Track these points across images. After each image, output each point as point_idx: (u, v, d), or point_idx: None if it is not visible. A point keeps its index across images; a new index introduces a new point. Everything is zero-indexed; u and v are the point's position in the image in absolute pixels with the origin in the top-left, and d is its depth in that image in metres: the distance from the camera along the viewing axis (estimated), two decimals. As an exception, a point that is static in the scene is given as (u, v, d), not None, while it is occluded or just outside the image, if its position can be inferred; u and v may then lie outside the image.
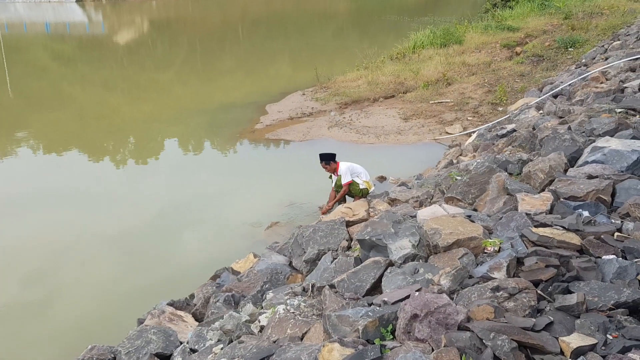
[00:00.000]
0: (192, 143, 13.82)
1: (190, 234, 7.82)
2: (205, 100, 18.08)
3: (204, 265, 6.64)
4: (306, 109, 15.17)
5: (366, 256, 4.27)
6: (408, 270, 3.62)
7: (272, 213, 8.17)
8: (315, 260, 5.16)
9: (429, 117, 13.17)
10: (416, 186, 7.12)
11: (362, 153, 10.82)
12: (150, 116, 16.16)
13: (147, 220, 8.25)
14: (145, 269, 6.86)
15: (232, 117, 14.87)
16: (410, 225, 4.27)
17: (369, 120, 13.36)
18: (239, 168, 10.74)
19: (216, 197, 9.08)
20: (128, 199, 9.21)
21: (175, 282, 6.42)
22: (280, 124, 13.73)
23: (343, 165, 7.75)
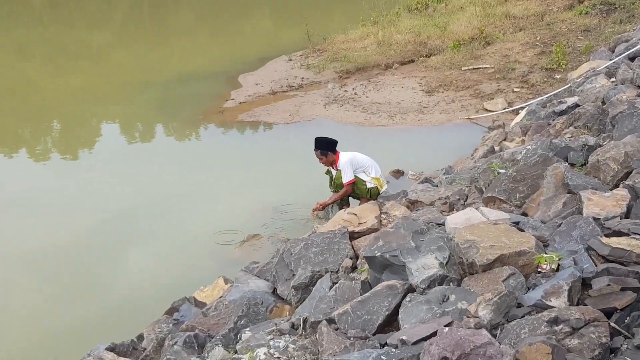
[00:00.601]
0: (138, 129, 13.81)
1: (138, 252, 7.80)
2: (155, 69, 18.05)
3: (157, 295, 6.59)
4: (294, 80, 15.17)
5: (377, 279, 4.25)
6: (434, 298, 3.61)
7: (249, 222, 8.15)
8: (308, 286, 5.14)
9: (461, 89, 13.19)
10: (445, 183, 7.10)
11: (370, 139, 10.82)
12: (82, 92, 16.13)
13: (80, 235, 8.22)
14: (76, 300, 6.83)
15: (193, 93, 14.85)
16: (437, 236, 4.24)
17: (379, 95, 13.37)
18: (203, 162, 10.74)
19: (173, 202, 9.07)
20: (52, 206, 9.19)
21: (117, 318, 6.37)
22: (258, 101, 13.73)
23: (344, 157, 7.74)
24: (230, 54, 18.67)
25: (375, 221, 6.05)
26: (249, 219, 8.24)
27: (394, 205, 6.52)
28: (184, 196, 9.21)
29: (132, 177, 10.18)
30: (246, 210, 8.49)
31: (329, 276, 4.99)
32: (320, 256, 5.43)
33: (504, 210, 4.88)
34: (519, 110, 11.19)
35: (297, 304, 5.07)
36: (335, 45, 17.52)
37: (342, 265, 5.28)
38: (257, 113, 12.87)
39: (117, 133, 13.37)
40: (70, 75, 18.40)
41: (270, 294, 5.39)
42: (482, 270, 3.70)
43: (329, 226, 6.26)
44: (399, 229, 4.49)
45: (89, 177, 10.40)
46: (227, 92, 14.59)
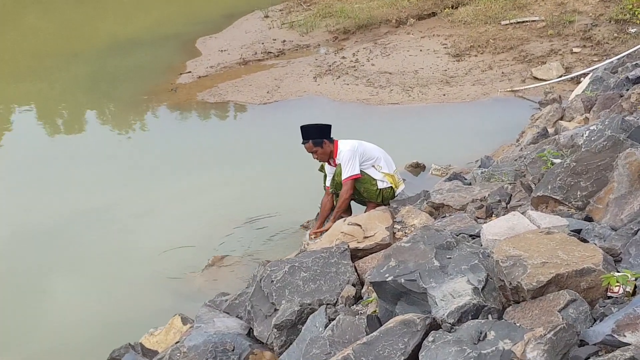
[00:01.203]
0: (62, 116, 13.79)
1: (64, 283, 7.77)
2: (83, 35, 18.03)
3: (91, 341, 6.57)
4: (272, 44, 15.19)
5: (389, 313, 4.23)
6: (467, 336, 3.60)
7: (213, 239, 8.16)
8: (296, 325, 5.10)
9: (501, 51, 13.21)
10: (480, 180, 7.09)
11: (378, 122, 10.83)
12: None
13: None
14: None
15: (135, 65, 14.83)
16: (470, 252, 4.22)
17: (390, 62, 13.40)
18: (150, 159, 10.73)
19: (111, 215, 9.07)
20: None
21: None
22: (224, 74, 13.74)
23: (345, 145, 7.67)
24: (184, 11, 18.70)
25: (387, 234, 6.02)
26: (214, 235, 8.23)
27: (412, 212, 6.49)
28: (126, 207, 9.21)
29: (55, 184, 10.17)
30: (210, 223, 8.48)
31: (324, 310, 4.96)
32: (311, 283, 5.39)
33: (560, 214, 4.86)
34: (581, 78, 11.20)
35: (281, 349, 5.04)
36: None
37: (341, 295, 5.25)
38: (223, 90, 12.88)
39: (33, 123, 13.32)
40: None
41: (245, 337, 5.34)
42: (532, 296, 3.68)
43: (324, 242, 6.23)
44: (418, 243, 4.46)
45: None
46: (181, 62, 14.61)
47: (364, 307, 4.81)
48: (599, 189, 5.03)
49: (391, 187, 7.72)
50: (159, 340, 5.88)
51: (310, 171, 8.23)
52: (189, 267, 7.75)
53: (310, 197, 8.25)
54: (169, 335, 5.89)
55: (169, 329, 5.97)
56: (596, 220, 4.80)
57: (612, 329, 3.31)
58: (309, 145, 7.63)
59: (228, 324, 5.53)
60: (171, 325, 5.98)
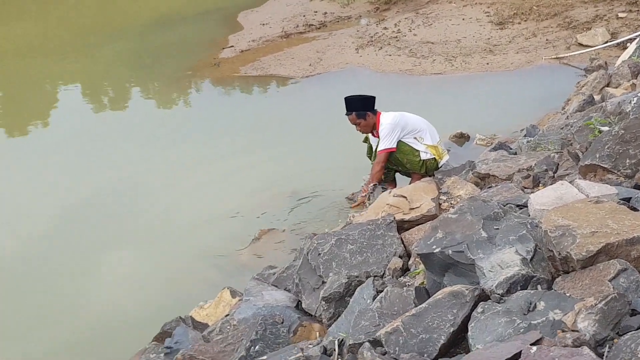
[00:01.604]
0: (107, 93, 13.90)
1: (113, 259, 7.88)
2: (127, 11, 18.12)
3: (143, 316, 6.67)
4: (313, 16, 15.14)
5: (437, 285, 4.23)
6: (516, 307, 3.58)
7: (260, 213, 8.21)
8: (344, 297, 5.13)
9: (545, 18, 13.03)
10: (526, 149, 7.03)
11: (421, 93, 10.77)
12: (29, 46, 16.27)
13: (35, 241, 8.33)
14: (35, 327, 6.91)
15: (178, 41, 14.88)
16: (518, 222, 4.19)
17: (432, 31, 13.30)
18: (195, 134, 10.79)
19: (158, 190, 9.16)
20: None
21: (89, 349, 6.44)
22: (266, 48, 13.74)
23: (387, 118, 7.66)
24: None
25: (433, 205, 6.00)
26: (260, 209, 8.29)
27: (457, 182, 6.46)
28: (172, 182, 9.29)
29: (101, 160, 10.27)
30: (256, 197, 8.54)
31: (372, 282, 4.97)
32: (358, 256, 5.40)
33: (609, 183, 4.80)
34: (627, 44, 11.02)
35: (329, 321, 5.07)
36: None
37: (388, 267, 5.25)
38: (266, 64, 12.89)
39: (78, 100, 13.47)
40: (12, 23, 18.53)
41: (294, 309, 5.37)
42: (581, 266, 3.65)
43: (370, 214, 6.22)
44: (465, 214, 4.44)
45: (43, 161, 10.53)
46: (223, 37, 14.63)
47: (412, 279, 4.82)
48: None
49: (434, 158, 7.71)
50: (209, 314, 5.94)
51: (354, 143, 8.23)
52: (236, 241, 7.78)
53: (354, 169, 8.26)
54: (218, 308, 5.95)
55: (218, 302, 6.03)
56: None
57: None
58: (352, 117, 7.64)
59: (276, 297, 5.57)
60: (220, 299, 6.04)
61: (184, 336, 5.62)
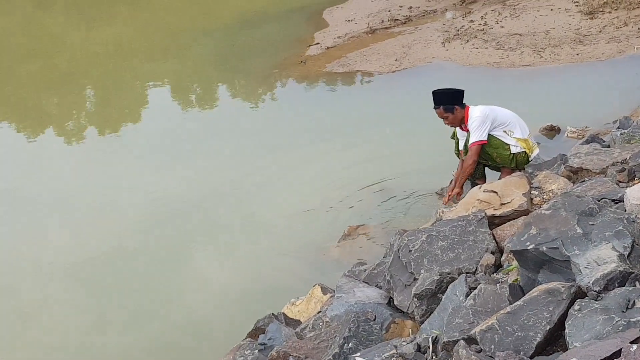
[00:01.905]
0: (195, 91, 14.12)
1: (205, 256, 8.02)
2: (212, 11, 18.35)
3: (236, 312, 6.77)
4: (399, 10, 15.10)
5: (532, 282, 4.19)
6: (614, 304, 3.53)
7: (350, 209, 8.24)
8: (436, 294, 5.10)
9: (637, 6, 12.73)
10: (620, 141, 6.89)
11: (510, 86, 10.65)
12: (119, 47, 16.63)
13: (129, 238, 8.53)
14: (132, 321, 7.08)
15: (264, 39, 15.00)
16: (614, 217, 4.13)
17: (519, 23, 13.12)
18: (282, 131, 10.90)
19: (247, 187, 9.26)
20: (91, 201, 9.57)
21: (184, 345, 6.57)
22: (352, 44, 13.75)
23: (476, 111, 7.57)
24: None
25: (524, 200, 5.93)
26: (350, 205, 8.32)
27: (549, 177, 6.38)
28: (262, 179, 9.37)
29: (191, 157, 10.45)
30: (345, 194, 8.56)
31: (464, 279, 4.94)
32: (450, 252, 5.38)
33: None
34: None
35: (422, 318, 5.06)
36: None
37: (481, 263, 5.22)
38: (352, 60, 12.91)
39: (167, 99, 13.72)
40: (103, 27, 18.95)
41: (385, 306, 5.38)
42: (682, 262, 3.59)
43: (460, 210, 6.19)
44: (559, 210, 4.39)
45: (135, 159, 10.79)
46: (309, 34, 14.70)
47: (505, 276, 4.78)
48: None
49: (525, 151, 7.59)
50: (301, 310, 5.98)
51: (443, 138, 8.17)
52: (326, 237, 7.83)
53: (443, 164, 8.21)
54: (310, 304, 5.98)
55: (309, 298, 6.06)
56: None
57: None
58: (440, 110, 7.57)
59: (368, 294, 5.57)
60: (312, 295, 6.07)
61: (278, 333, 5.67)
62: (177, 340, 6.71)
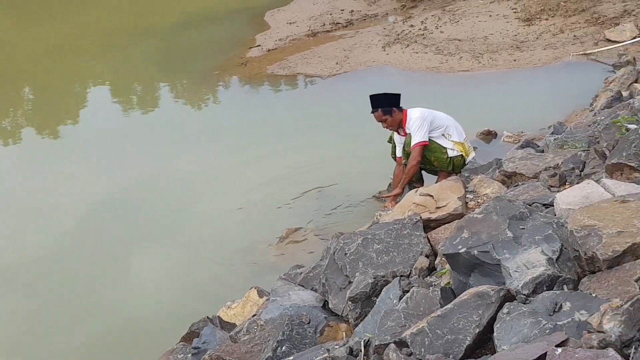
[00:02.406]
0: (136, 92, 13.98)
1: (141, 258, 7.95)
2: (155, 11, 18.19)
3: (170, 315, 6.72)
4: (340, 14, 15.14)
5: (463, 285, 4.21)
6: (542, 308, 3.56)
7: (287, 212, 8.24)
8: (370, 297, 5.12)
9: (573, 14, 12.94)
10: (553, 147, 6.98)
11: (449, 90, 10.75)
12: (59, 46, 16.37)
13: (65, 239, 8.41)
14: (65, 325, 6.99)
15: (206, 40, 14.94)
16: (544, 222, 4.17)
17: (459, 28, 13.25)
18: (223, 133, 10.85)
19: (185, 189, 9.22)
20: (27, 201, 9.44)
21: (117, 348, 6.50)
22: (293, 47, 13.76)
23: (414, 113, 7.62)
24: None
25: (459, 204, 5.99)
26: (287, 208, 8.32)
27: (484, 181, 6.44)
28: (200, 181, 9.34)
29: (130, 158, 10.36)
30: (283, 196, 8.55)
31: (398, 282, 4.97)
32: (385, 255, 5.40)
33: (635, 182, 4.75)
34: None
35: (356, 321, 5.07)
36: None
37: (415, 266, 5.25)
38: (293, 63, 12.91)
39: (107, 99, 13.57)
40: (43, 25, 18.64)
41: (320, 309, 5.39)
42: (607, 266, 3.62)
43: (396, 213, 6.22)
44: (491, 214, 4.42)
45: (73, 160, 10.61)
46: (250, 36, 14.67)
47: (438, 279, 4.81)
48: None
49: (461, 155, 7.68)
50: (236, 313, 5.95)
51: (381, 142, 8.23)
52: (263, 240, 7.82)
53: (381, 168, 8.26)
54: (246, 308, 5.96)
55: (245, 302, 6.04)
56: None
57: (692, 300, 3.26)
58: (378, 114, 7.61)
59: (303, 297, 5.57)
60: (248, 298, 6.05)
61: (212, 336, 5.64)
62: (110, 344, 6.65)
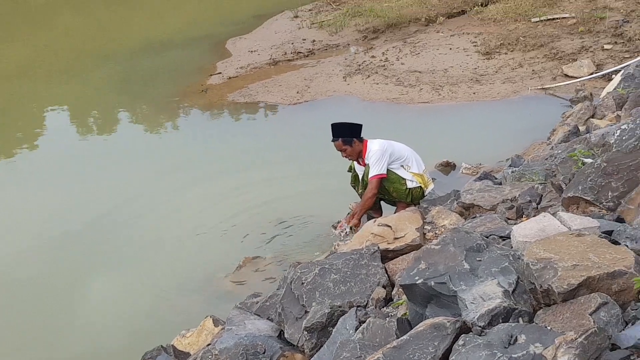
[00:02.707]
0: (94, 117, 13.87)
1: (95, 285, 7.84)
2: (116, 36, 18.13)
3: (124, 344, 6.63)
4: (302, 44, 15.20)
5: (419, 316, 4.21)
6: (497, 340, 3.57)
7: (245, 240, 8.19)
8: (327, 327, 5.09)
9: (532, 49, 13.12)
10: (511, 179, 7.04)
11: (408, 121, 10.80)
12: (17, 70, 16.23)
13: (19, 264, 8.29)
14: (11, 353, 6.86)
15: (167, 66, 14.92)
16: (500, 254, 4.19)
17: (419, 60, 13.35)
18: (182, 160, 10.77)
19: (143, 216, 9.13)
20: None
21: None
22: (255, 75, 13.77)
23: (374, 145, 7.64)
24: (215, 12, 18.77)
25: (417, 235, 5.99)
26: (245, 236, 8.27)
27: (442, 212, 6.46)
28: (157, 208, 9.27)
29: (86, 184, 10.24)
30: (242, 225, 8.51)
31: (355, 313, 4.95)
32: (342, 285, 5.38)
33: (591, 216, 4.81)
34: (612, 75, 11.08)
35: (312, 351, 5.04)
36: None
37: (372, 297, 5.23)
38: (254, 91, 12.90)
39: (65, 124, 13.40)
40: (1, 45, 18.49)
41: (276, 339, 5.35)
42: (562, 299, 3.65)
43: (354, 243, 6.20)
44: (448, 245, 4.43)
45: (28, 185, 10.48)
46: (211, 63, 14.66)
47: (395, 310, 4.79)
48: (630, 190, 4.97)
49: (420, 187, 7.69)
50: (191, 342, 5.88)
51: (341, 171, 8.23)
52: (220, 269, 7.75)
53: (340, 198, 8.25)
54: (201, 337, 5.90)
55: (200, 330, 5.97)
56: (628, 222, 4.74)
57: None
58: (338, 143, 7.61)
59: (259, 326, 5.53)
60: (203, 327, 5.99)
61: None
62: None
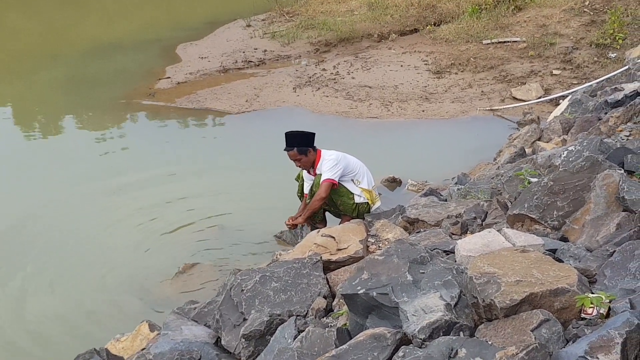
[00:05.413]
0: (38, 119, 13.68)
1: (28, 284, 7.69)
2: (65, 37, 17.97)
3: (56, 346, 6.51)
4: (253, 53, 15.17)
5: (360, 326, 4.20)
6: (437, 353, 3.55)
7: (186, 246, 8.11)
8: (265, 335, 5.05)
9: (482, 70, 13.26)
10: (456, 196, 7.08)
11: (357, 136, 10.81)
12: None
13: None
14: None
15: (115, 69, 14.81)
16: (444, 267, 4.20)
17: (370, 76, 13.41)
18: (126, 165, 10.67)
19: (84, 217, 9.00)
20: None
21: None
22: (204, 81, 13.71)
23: (330, 154, 7.60)
24: (167, 17, 18.70)
25: (360, 247, 5.98)
26: (186, 242, 8.19)
27: (386, 226, 6.46)
28: (100, 211, 9.14)
29: (26, 186, 10.12)
30: (182, 231, 8.45)
31: (294, 322, 4.91)
32: (282, 294, 5.34)
33: (535, 233, 4.84)
34: (560, 100, 11.24)
35: (248, 359, 5.00)
36: (311, 7, 17.63)
37: (312, 307, 5.21)
38: (202, 97, 12.84)
39: (8, 125, 13.20)
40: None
41: (212, 346, 5.29)
42: (505, 315, 3.65)
43: (297, 253, 6.17)
44: (392, 257, 4.42)
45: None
46: (160, 68, 14.58)
47: (335, 320, 4.77)
48: (575, 210, 5.02)
49: (367, 202, 7.70)
50: (125, 347, 5.79)
51: (287, 180, 8.22)
52: (159, 274, 7.66)
53: (284, 207, 8.23)
54: (136, 341, 5.80)
55: (135, 335, 5.88)
56: (572, 241, 4.79)
57: (585, 351, 3.27)
58: (293, 152, 7.54)
59: (196, 332, 5.47)
60: (138, 332, 5.89)
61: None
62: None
